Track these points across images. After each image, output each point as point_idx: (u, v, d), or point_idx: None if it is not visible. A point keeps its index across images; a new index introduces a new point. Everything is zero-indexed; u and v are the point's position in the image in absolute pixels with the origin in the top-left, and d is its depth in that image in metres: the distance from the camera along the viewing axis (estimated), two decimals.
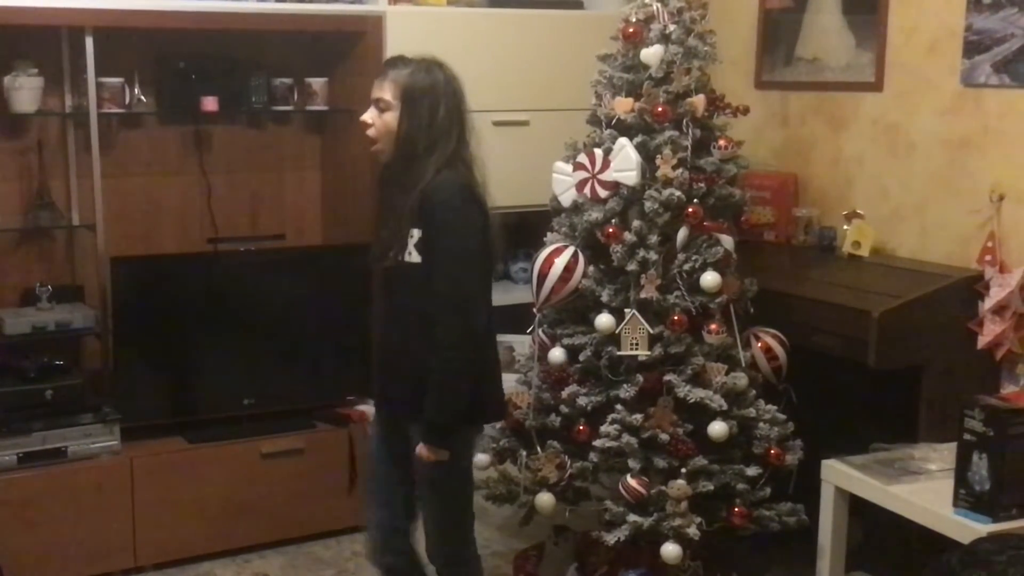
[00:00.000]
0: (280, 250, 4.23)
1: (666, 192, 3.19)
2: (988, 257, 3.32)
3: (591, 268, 3.28)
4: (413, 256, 2.79)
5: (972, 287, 3.31)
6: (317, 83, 4.14)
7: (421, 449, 2.80)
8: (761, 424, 3.23)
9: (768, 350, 3.34)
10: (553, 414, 3.35)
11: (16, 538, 3.44)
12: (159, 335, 3.81)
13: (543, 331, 3.42)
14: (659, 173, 3.20)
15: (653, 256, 3.19)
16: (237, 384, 3.91)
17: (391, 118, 2.83)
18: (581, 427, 3.26)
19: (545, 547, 3.58)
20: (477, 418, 2.95)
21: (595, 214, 3.27)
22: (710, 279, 3.18)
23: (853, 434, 3.30)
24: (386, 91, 2.84)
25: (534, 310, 3.37)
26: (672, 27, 3.29)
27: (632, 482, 3.12)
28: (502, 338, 4.33)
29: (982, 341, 3.29)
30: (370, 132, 2.88)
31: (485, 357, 2.89)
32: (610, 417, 3.19)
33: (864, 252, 3.61)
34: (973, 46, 3.40)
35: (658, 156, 3.21)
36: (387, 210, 2.89)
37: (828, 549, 3.10)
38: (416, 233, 2.77)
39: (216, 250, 4.13)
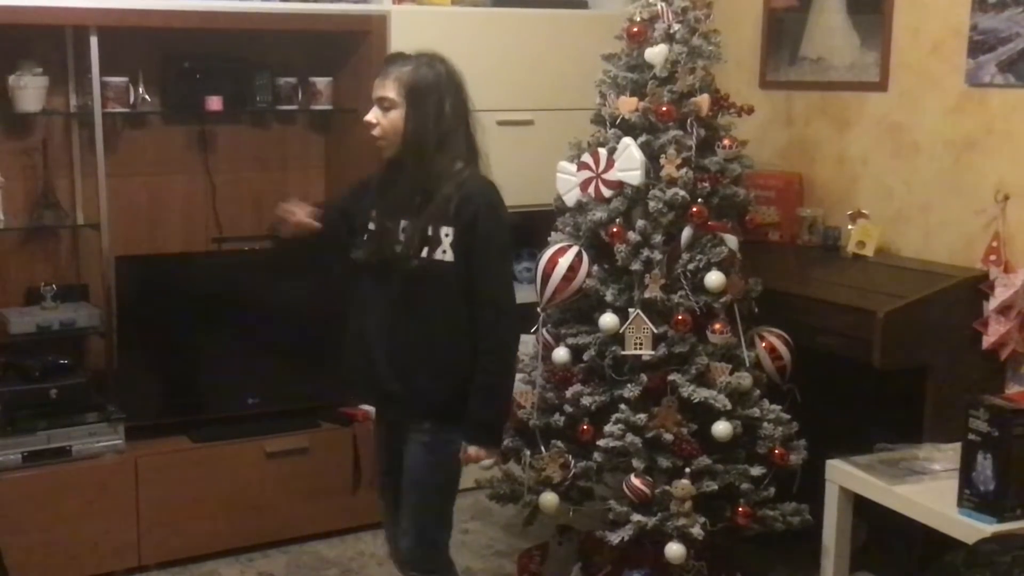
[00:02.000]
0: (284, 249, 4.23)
1: (670, 192, 3.19)
2: (993, 257, 3.31)
3: (595, 268, 3.29)
4: (447, 255, 2.75)
5: (977, 287, 3.30)
6: (321, 83, 4.14)
7: (476, 452, 2.80)
8: (765, 424, 3.23)
9: (772, 350, 3.34)
10: (557, 414, 3.35)
11: (21, 537, 3.44)
12: (164, 334, 3.82)
13: (547, 331, 3.42)
14: (663, 173, 3.20)
15: (657, 256, 3.19)
16: (241, 383, 3.92)
17: (396, 116, 2.78)
18: (585, 427, 3.26)
19: (549, 547, 3.58)
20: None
21: (599, 214, 3.27)
22: (714, 279, 3.18)
23: (857, 434, 3.29)
24: (389, 89, 2.79)
25: (538, 309, 3.37)
26: (676, 26, 3.30)
27: (636, 482, 3.12)
28: None
29: (987, 341, 3.28)
30: (375, 132, 2.83)
31: None
32: (614, 417, 3.19)
33: (869, 252, 3.60)
34: (978, 46, 3.40)
35: (662, 156, 3.22)
36: (392, 207, 2.83)
37: (832, 549, 3.10)
38: (450, 231, 2.74)
39: (220, 249, 4.13)
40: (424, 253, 2.77)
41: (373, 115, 2.83)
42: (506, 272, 2.86)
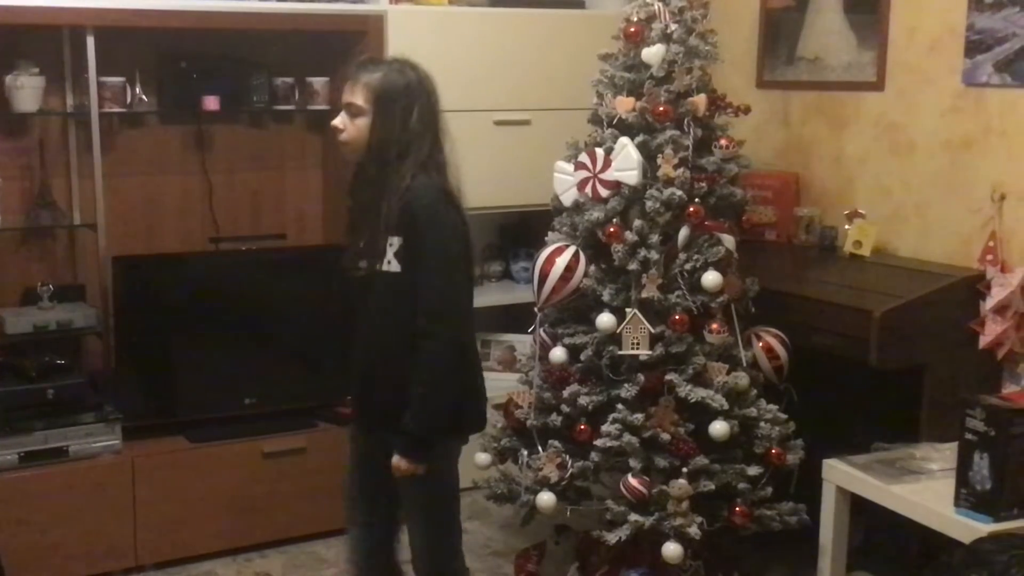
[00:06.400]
0: (281, 249, 4.23)
1: (667, 191, 3.19)
2: (989, 257, 3.32)
3: (592, 267, 3.28)
4: (392, 265, 2.69)
5: (973, 287, 3.31)
6: (318, 82, 4.14)
7: (398, 461, 2.70)
8: (762, 424, 3.23)
9: (769, 350, 3.34)
10: (554, 413, 3.35)
11: (17, 537, 3.44)
12: (160, 334, 3.82)
13: (544, 330, 3.42)
14: (660, 172, 3.20)
15: (654, 255, 3.19)
16: (238, 383, 3.91)
17: (363, 123, 2.73)
18: (582, 426, 3.25)
19: (546, 546, 3.58)
20: (460, 430, 2.86)
21: (596, 213, 3.27)
22: (711, 278, 3.18)
23: (854, 434, 3.30)
24: (357, 95, 2.73)
25: (535, 309, 3.37)
26: (673, 26, 3.30)
27: (633, 481, 3.12)
28: (504, 337, 4.36)
29: (984, 341, 3.29)
30: (342, 138, 2.78)
31: (469, 365, 2.81)
32: (611, 416, 3.19)
33: (865, 252, 3.61)
34: (974, 45, 3.40)
35: (659, 155, 3.22)
36: (359, 216, 2.80)
37: (829, 549, 3.10)
38: (395, 242, 2.68)
39: (217, 249, 4.13)
40: (377, 265, 2.72)
41: (340, 120, 2.78)
42: (447, 280, 2.68)
